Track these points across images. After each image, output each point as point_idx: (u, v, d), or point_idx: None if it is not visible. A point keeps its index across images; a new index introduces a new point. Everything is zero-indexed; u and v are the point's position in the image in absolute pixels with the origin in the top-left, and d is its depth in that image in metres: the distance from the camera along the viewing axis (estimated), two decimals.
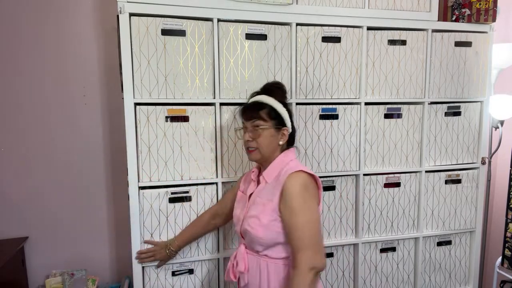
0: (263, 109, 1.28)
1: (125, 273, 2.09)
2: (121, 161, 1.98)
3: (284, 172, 1.25)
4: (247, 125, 1.30)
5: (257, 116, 1.27)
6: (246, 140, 1.30)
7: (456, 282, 1.95)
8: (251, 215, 1.27)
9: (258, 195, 1.30)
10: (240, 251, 1.32)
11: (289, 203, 1.20)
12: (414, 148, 1.80)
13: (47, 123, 1.94)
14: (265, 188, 1.29)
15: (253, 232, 1.24)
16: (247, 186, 1.39)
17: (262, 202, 1.27)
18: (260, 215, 1.24)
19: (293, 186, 1.20)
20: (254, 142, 1.28)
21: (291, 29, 1.60)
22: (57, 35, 1.91)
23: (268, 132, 1.27)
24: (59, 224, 1.99)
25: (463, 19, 1.78)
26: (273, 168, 1.30)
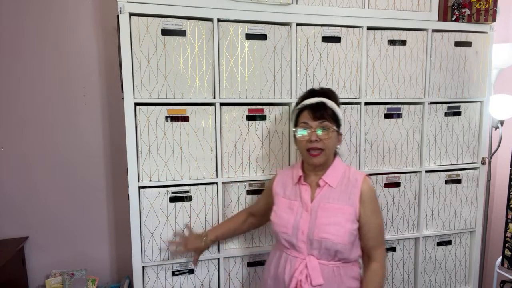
0: (328, 111, 1.27)
1: (125, 273, 2.09)
2: (121, 161, 1.99)
3: (352, 176, 1.29)
4: (312, 125, 1.26)
5: (327, 117, 1.26)
6: (312, 140, 1.24)
7: (456, 282, 1.95)
8: (329, 222, 1.23)
9: (327, 200, 1.26)
10: (311, 264, 1.24)
11: (371, 206, 1.26)
12: (414, 148, 1.80)
13: (47, 123, 1.94)
14: (332, 192, 1.27)
15: (336, 240, 1.21)
16: (292, 191, 1.34)
17: (338, 207, 1.24)
18: (342, 221, 1.22)
19: (371, 189, 1.28)
20: (321, 143, 1.25)
21: (291, 29, 1.60)
22: (57, 35, 1.91)
23: (334, 134, 1.27)
24: (59, 224, 2.00)
25: (463, 19, 1.78)
26: (335, 172, 1.30)
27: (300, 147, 1.31)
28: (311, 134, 1.25)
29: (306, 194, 1.30)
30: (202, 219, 1.58)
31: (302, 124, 1.29)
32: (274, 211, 1.35)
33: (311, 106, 1.28)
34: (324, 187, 1.29)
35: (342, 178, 1.30)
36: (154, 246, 1.54)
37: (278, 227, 1.30)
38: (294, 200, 1.31)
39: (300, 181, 1.33)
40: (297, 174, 1.35)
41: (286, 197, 1.35)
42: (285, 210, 1.32)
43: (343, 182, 1.29)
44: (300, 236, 1.25)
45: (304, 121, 1.28)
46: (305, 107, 1.29)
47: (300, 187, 1.32)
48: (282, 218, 1.30)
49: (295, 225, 1.27)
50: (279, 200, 1.36)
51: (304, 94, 1.36)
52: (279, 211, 1.33)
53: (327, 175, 1.29)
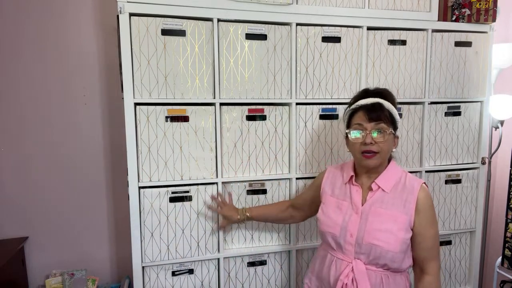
0: (385, 112, 1.21)
1: (125, 273, 2.09)
2: (121, 161, 1.99)
3: (408, 182, 1.22)
4: (367, 126, 1.19)
5: (383, 118, 1.19)
6: (367, 142, 1.18)
7: (456, 282, 1.95)
8: (380, 228, 1.17)
9: (380, 205, 1.20)
10: (357, 268, 1.19)
11: (427, 215, 1.19)
12: (414, 148, 1.80)
13: (47, 123, 1.94)
14: (386, 197, 1.21)
15: (386, 247, 1.15)
16: (341, 190, 1.29)
17: (391, 214, 1.18)
18: (394, 229, 1.16)
19: (428, 198, 1.21)
20: (376, 146, 1.18)
21: (291, 29, 1.60)
22: (57, 35, 1.91)
23: (390, 137, 1.21)
24: (59, 224, 2.00)
25: (463, 19, 1.78)
26: (390, 176, 1.23)
27: (353, 150, 1.25)
28: (366, 137, 1.19)
29: (357, 196, 1.24)
30: (202, 219, 1.58)
31: (356, 126, 1.22)
32: (321, 209, 1.32)
33: (367, 107, 1.21)
34: (377, 191, 1.23)
35: (397, 183, 1.23)
36: (154, 246, 1.54)
37: (325, 226, 1.26)
38: (343, 200, 1.27)
39: (351, 181, 1.28)
40: (348, 173, 1.29)
41: (334, 196, 1.30)
42: (334, 210, 1.27)
43: (398, 187, 1.22)
44: (348, 238, 1.20)
45: (358, 122, 1.22)
46: (360, 107, 1.23)
47: (351, 187, 1.27)
48: (330, 217, 1.26)
49: (344, 226, 1.22)
50: (327, 199, 1.32)
51: (358, 94, 1.30)
52: (327, 210, 1.28)
53: (380, 178, 1.23)
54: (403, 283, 1.24)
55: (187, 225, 1.57)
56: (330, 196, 1.31)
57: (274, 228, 1.69)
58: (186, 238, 1.57)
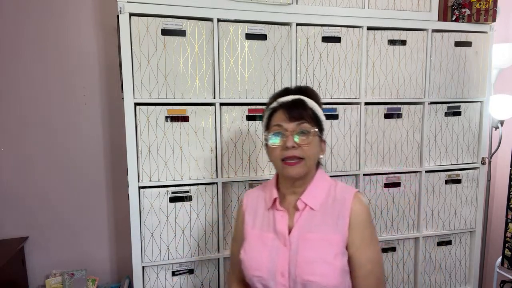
0: (308, 111, 1.02)
1: (125, 273, 2.09)
2: (121, 161, 1.99)
3: (339, 193, 1.03)
4: (287, 127, 1.00)
5: (306, 118, 1.01)
6: (288, 146, 0.98)
7: (456, 282, 1.95)
8: (314, 259, 0.96)
9: (309, 229, 0.99)
10: None
11: (363, 232, 0.99)
12: (414, 148, 1.80)
13: (47, 123, 1.94)
14: (315, 217, 1.01)
15: (323, 282, 0.94)
16: (264, 219, 1.07)
17: (323, 237, 0.98)
18: (330, 256, 0.96)
19: (364, 210, 1.01)
20: (300, 151, 0.99)
21: (291, 29, 1.60)
22: (57, 35, 1.91)
23: (315, 140, 1.01)
24: (59, 224, 2.00)
25: (463, 19, 1.78)
26: (317, 190, 1.04)
27: (272, 157, 1.03)
28: (287, 139, 0.99)
29: (282, 223, 1.02)
30: (202, 219, 1.58)
31: (275, 128, 1.02)
32: (243, 248, 1.06)
33: (287, 104, 1.02)
34: (304, 210, 1.02)
35: (326, 197, 1.03)
36: (154, 246, 1.54)
37: (250, 270, 1.02)
38: (267, 232, 1.03)
39: (275, 206, 1.05)
40: (271, 196, 1.06)
41: (256, 227, 1.06)
42: (256, 246, 1.03)
43: (327, 202, 1.02)
44: (279, 279, 0.98)
45: (277, 123, 1.02)
46: (279, 106, 1.04)
47: (275, 214, 1.04)
48: (253, 257, 1.02)
49: (271, 265, 0.99)
50: (248, 233, 1.07)
51: (278, 93, 1.10)
52: (249, 248, 1.04)
53: (307, 194, 1.02)
54: None
55: (187, 225, 1.57)
56: (252, 229, 1.07)
57: None
58: (186, 238, 1.57)
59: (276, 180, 1.11)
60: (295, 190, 1.05)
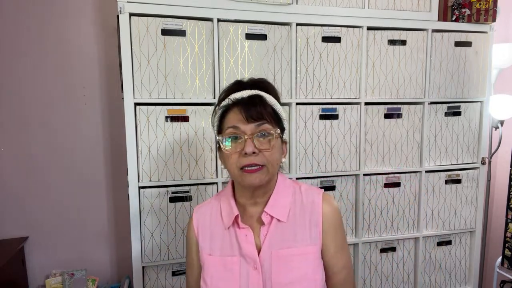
0: (268, 108, 0.88)
1: (125, 273, 2.09)
2: (121, 161, 1.99)
3: (306, 198, 0.92)
4: (245, 129, 0.85)
5: (267, 117, 0.87)
6: (249, 151, 0.84)
7: (456, 282, 1.95)
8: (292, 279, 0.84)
9: (280, 245, 0.87)
10: None
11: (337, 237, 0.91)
12: (414, 148, 1.80)
13: (47, 123, 1.94)
14: (284, 230, 0.89)
15: None
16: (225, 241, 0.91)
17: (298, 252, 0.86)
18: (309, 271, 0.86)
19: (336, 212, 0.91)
20: (261, 157, 0.85)
21: (291, 29, 1.60)
22: (57, 35, 1.91)
23: (278, 142, 0.88)
24: (59, 224, 2.00)
25: (463, 19, 1.78)
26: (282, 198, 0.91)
27: (228, 164, 0.88)
28: (246, 144, 0.84)
29: (249, 243, 0.87)
30: None
31: (230, 130, 0.86)
32: (202, 279, 0.91)
33: (243, 102, 0.87)
34: (271, 224, 0.89)
35: (293, 204, 0.91)
36: (154, 246, 1.54)
37: None
38: (232, 256, 0.88)
39: (235, 223, 0.90)
40: (231, 212, 0.91)
41: (215, 253, 0.90)
42: (221, 276, 0.88)
43: (295, 210, 0.90)
44: None
45: (232, 124, 0.86)
46: (233, 103, 0.88)
47: (237, 233, 0.89)
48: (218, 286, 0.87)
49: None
50: (206, 260, 0.91)
51: (229, 87, 0.93)
52: (211, 279, 0.88)
53: (271, 205, 0.89)
54: None
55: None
56: (210, 255, 0.91)
57: None
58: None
59: (232, 190, 0.96)
60: (256, 200, 0.91)
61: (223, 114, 0.90)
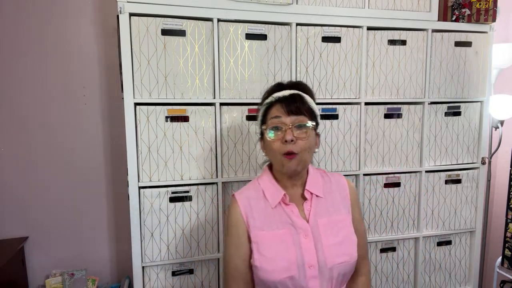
0: (305, 105, 1.04)
1: (125, 273, 2.09)
2: (121, 161, 1.99)
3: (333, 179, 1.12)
4: (286, 120, 1.01)
5: (304, 112, 1.02)
6: (288, 139, 0.98)
7: (456, 282, 1.95)
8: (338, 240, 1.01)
9: (324, 214, 1.05)
10: None
11: (358, 210, 1.12)
12: (414, 148, 1.80)
13: (47, 123, 1.94)
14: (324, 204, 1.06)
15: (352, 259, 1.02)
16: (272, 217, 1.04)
17: (339, 219, 1.05)
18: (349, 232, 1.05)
19: (355, 190, 1.14)
20: (299, 144, 0.99)
21: (291, 29, 1.60)
22: (57, 35, 1.91)
23: (312, 133, 1.04)
24: (59, 224, 2.00)
25: (463, 19, 1.78)
26: (315, 178, 1.09)
27: (271, 152, 1.04)
28: (286, 133, 0.99)
29: (298, 217, 1.03)
30: (202, 219, 1.58)
31: (273, 120, 1.02)
32: (258, 253, 1.00)
33: (284, 98, 1.03)
34: (312, 200, 1.06)
35: (324, 184, 1.10)
36: (154, 246, 1.54)
37: (276, 274, 0.97)
38: (282, 229, 1.02)
39: (284, 202, 1.05)
40: (277, 192, 1.05)
41: (265, 229, 1.02)
42: (276, 247, 0.99)
43: (326, 188, 1.09)
44: (309, 272, 0.97)
45: (276, 115, 1.02)
46: (276, 100, 1.04)
47: (285, 209, 1.04)
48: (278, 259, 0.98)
49: (300, 260, 0.97)
50: (259, 236, 1.02)
51: (271, 88, 1.11)
52: (268, 252, 0.99)
53: (310, 184, 1.07)
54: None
55: (187, 225, 1.57)
56: (261, 231, 1.02)
57: None
58: (186, 238, 1.57)
59: (271, 175, 1.10)
60: (294, 182, 1.08)
61: (267, 109, 1.07)
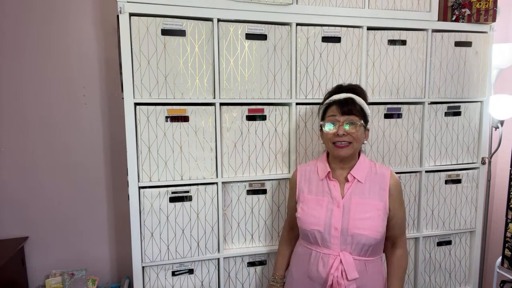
0: (357, 106, 1.30)
1: (125, 273, 2.09)
2: (121, 161, 1.99)
3: (379, 170, 1.34)
4: (339, 119, 1.29)
5: (355, 112, 1.29)
6: (340, 134, 1.27)
7: (456, 282, 1.95)
8: (362, 217, 1.26)
9: (359, 196, 1.29)
10: (345, 260, 1.25)
11: (399, 197, 1.34)
12: (414, 148, 1.80)
13: (47, 123, 1.94)
14: (362, 188, 1.31)
15: (371, 235, 1.24)
16: (319, 187, 1.35)
17: (370, 202, 1.28)
18: (375, 216, 1.27)
19: (398, 183, 1.34)
20: (349, 136, 1.28)
21: (291, 29, 1.60)
22: (57, 35, 1.91)
23: (361, 128, 1.30)
24: (59, 224, 2.00)
25: (463, 19, 1.78)
26: (363, 167, 1.33)
27: (325, 140, 1.34)
28: (339, 129, 1.28)
29: (336, 190, 1.31)
30: (202, 219, 1.58)
31: (330, 118, 1.31)
32: (301, 208, 1.36)
33: (340, 102, 1.30)
34: (353, 182, 1.32)
35: (369, 173, 1.33)
36: (154, 246, 1.54)
37: (308, 225, 1.31)
38: (322, 196, 1.33)
39: (328, 177, 1.35)
40: (325, 169, 1.36)
41: (312, 193, 1.36)
42: (314, 207, 1.32)
43: (371, 177, 1.32)
44: (333, 232, 1.27)
45: (332, 114, 1.31)
46: (334, 102, 1.32)
47: (328, 183, 1.34)
48: (312, 215, 1.31)
49: (327, 221, 1.28)
50: (305, 197, 1.37)
51: (332, 90, 1.39)
52: (308, 209, 1.33)
53: (355, 170, 1.32)
54: (379, 265, 1.34)
55: (187, 225, 1.57)
56: (308, 194, 1.37)
57: (274, 228, 1.70)
58: (186, 238, 1.57)
59: (326, 157, 1.40)
60: (343, 166, 1.35)
61: (327, 108, 1.35)
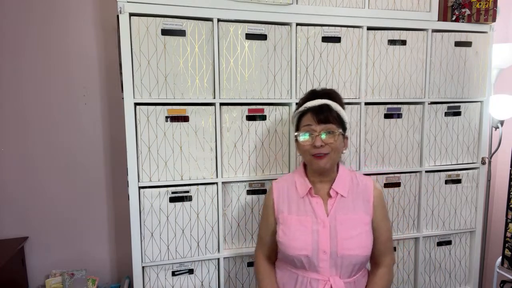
0: (333, 113, 1.20)
1: (125, 273, 2.09)
2: (121, 161, 1.99)
3: (360, 182, 1.25)
4: (316, 128, 1.18)
5: (331, 119, 1.19)
6: (317, 145, 1.16)
7: (456, 282, 1.95)
8: (351, 236, 1.16)
9: (344, 212, 1.20)
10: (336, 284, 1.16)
11: (383, 210, 1.25)
12: (414, 148, 1.80)
13: (47, 123, 1.94)
14: (346, 202, 1.21)
15: (362, 253, 1.17)
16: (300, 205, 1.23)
17: (355, 218, 1.19)
18: (363, 232, 1.18)
19: (381, 194, 1.26)
20: (327, 148, 1.17)
21: (291, 29, 1.60)
22: (57, 35, 1.91)
23: (340, 138, 1.20)
24: (59, 224, 2.00)
25: (463, 19, 1.78)
26: (344, 180, 1.24)
27: (303, 152, 1.23)
28: (315, 139, 1.17)
29: (320, 208, 1.20)
30: (202, 219, 1.58)
31: (305, 128, 1.21)
32: (282, 232, 1.23)
33: (314, 109, 1.20)
34: (336, 197, 1.22)
35: (351, 186, 1.24)
36: (154, 246, 1.54)
37: (293, 250, 1.18)
38: (306, 216, 1.21)
39: (310, 193, 1.24)
40: (305, 185, 1.25)
41: (292, 213, 1.23)
42: (298, 229, 1.20)
43: (353, 190, 1.24)
44: (322, 256, 1.16)
45: (307, 123, 1.20)
46: (308, 109, 1.21)
47: (311, 200, 1.22)
48: (297, 239, 1.18)
49: (314, 245, 1.17)
50: (285, 218, 1.24)
51: (306, 96, 1.28)
52: (290, 232, 1.20)
53: (336, 184, 1.22)
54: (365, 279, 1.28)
55: (187, 225, 1.57)
56: (288, 215, 1.24)
57: None
58: (186, 238, 1.57)
59: (304, 170, 1.29)
60: (322, 179, 1.24)
61: (301, 116, 1.24)
